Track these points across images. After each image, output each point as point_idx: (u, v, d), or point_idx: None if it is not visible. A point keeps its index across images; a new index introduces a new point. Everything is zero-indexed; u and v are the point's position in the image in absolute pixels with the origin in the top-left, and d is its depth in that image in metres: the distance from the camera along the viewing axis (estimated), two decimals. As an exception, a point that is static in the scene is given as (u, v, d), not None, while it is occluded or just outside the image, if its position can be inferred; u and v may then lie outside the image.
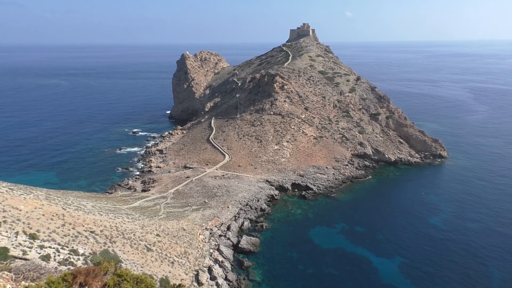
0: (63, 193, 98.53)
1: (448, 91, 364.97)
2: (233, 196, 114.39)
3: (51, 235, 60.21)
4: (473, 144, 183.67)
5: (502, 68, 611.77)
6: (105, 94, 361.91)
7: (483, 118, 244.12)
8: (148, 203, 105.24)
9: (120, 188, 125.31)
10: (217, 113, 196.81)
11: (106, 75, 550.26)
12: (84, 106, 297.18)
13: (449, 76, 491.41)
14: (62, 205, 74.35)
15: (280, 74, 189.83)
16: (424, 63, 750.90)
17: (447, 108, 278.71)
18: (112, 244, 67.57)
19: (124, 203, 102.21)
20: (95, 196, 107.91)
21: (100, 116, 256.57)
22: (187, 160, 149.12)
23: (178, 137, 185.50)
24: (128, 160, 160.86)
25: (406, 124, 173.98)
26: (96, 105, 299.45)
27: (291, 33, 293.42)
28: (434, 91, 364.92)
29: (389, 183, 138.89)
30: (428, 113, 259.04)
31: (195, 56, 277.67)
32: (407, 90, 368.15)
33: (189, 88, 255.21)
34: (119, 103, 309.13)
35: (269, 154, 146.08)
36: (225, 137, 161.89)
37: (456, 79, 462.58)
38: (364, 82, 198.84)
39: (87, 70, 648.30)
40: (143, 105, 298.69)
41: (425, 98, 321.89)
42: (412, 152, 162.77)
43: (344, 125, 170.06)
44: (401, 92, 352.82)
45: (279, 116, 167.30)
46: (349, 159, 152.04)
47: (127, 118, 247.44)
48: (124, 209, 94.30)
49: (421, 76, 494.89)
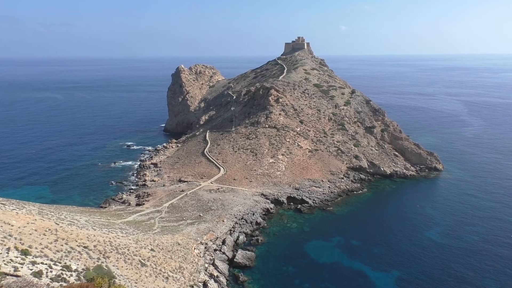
0: (56, 207, 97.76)
1: (442, 104, 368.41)
2: (228, 210, 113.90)
3: (44, 251, 59.59)
4: (468, 157, 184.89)
5: (495, 82, 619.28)
6: (99, 108, 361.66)
7: (477, 131, 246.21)
8: (142, 217, 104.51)
9: (114, 202, 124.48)
10: (212, 126, 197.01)
11: (101, 89, 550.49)
12: (78, 119, 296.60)
13: (443, 90, 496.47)
14: (55, 220, 73.72)
15: (275, 87, 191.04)
16: (419, 76, 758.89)
17: (442, 121, 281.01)
18: (106, 259, 66.93)
19: (118, 217, 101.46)
20: (88, 210, 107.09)
21: (94, 129, 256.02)
22: (181, 173, 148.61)
23: (173, 150, 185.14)
24: (122, 174, 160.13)
25: (401, 137, 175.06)
26: (90, 119, 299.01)
27: (286, 47, 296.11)
28: (428, 104, 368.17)
29: (385, 196, 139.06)
30: (423, 126, 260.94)
31: (190, 69, 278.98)
32: (402, 103, 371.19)
33: (184, 101, 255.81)
34: (113, 117, 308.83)
35: (264, 167, 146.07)
36: (220, 150, 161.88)
37: (450, 92, 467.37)
38: (359, 95, 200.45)
39: (82, 83, 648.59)
40: (137, 119, 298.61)
41: (420, 111, 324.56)
42: (408, 165, 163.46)
43: (339, 138, 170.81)
44: (396, 105, 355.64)
45: (274, 129, 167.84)
46: (344, 172, 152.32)
47: (121, 132, 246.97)
48: (118, 223, 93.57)
49: (415, 90, 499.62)
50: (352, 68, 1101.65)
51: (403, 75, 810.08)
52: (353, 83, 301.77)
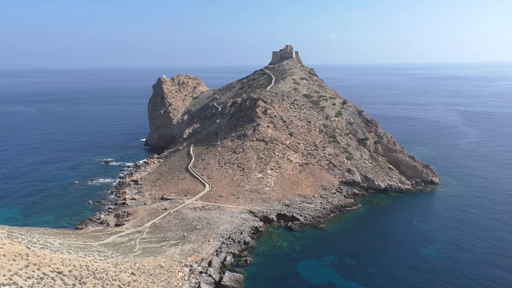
0: (28, 230, 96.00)
1: (437, 114, 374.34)
2: (214, 229, 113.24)
3: (13, 278, 58.23)
4: (465, 169, 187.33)
5: (491, 91, 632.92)
6: (75, 121, 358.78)
7: (474, 142, 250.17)
8: (122, 238, 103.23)
9: (91, 223, 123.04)
10: (196, 140, 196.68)
11: (78, 102, 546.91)
12: (51, 134, 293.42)
13: (438, 99, 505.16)
14: (26, 244, 72.24)
15: (263, 98, 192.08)
16: (412, 85, 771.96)
17: (437, 132, 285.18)
18: (82, 285, 65.64)
19: (96, 239, 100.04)
20: (63, 232, 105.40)
21: (70, 145, 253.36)
22: (164, 191, 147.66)
23: (155, 166, 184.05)
24: (100, 192, 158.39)
25: (396, 149, 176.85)
26: (65, 133, 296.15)
27: (274, 55, 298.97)
28: (423, 114, 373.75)
29: (380, 212, 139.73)
30: (418, 137, 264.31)
31: (172, 80, 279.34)
32: (396, 114, 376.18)
33: (166, 113, 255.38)
34: (90, 131, 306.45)
35: (252, 183, 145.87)
36: (205, 165, 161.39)
37: (445, 102, 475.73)
38: (351, 106, 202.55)
39: (58, 96, 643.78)
40: (116, 133, 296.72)
41: (414, 122, 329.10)
42: (403, 178, 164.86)
43: (331, 150, 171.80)
44: (389, 116, 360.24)
45: (263, 142, 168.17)
46: (337, 187, 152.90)
47: (99, 147, 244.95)
48: (96, 246, 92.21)
49: (409, 100, 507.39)
50: (343, 77, 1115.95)
51: (396, 84, 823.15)
52: (344, 93, 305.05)
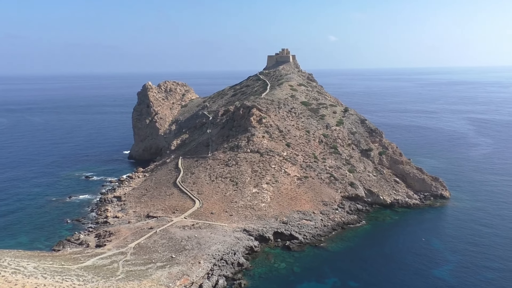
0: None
1: (447, 123, 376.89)
2: (205, 249, 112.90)
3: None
4: (477, 182, 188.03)
5: (505, 97, 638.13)
6: (53, 133, 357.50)
7: (487, 152, 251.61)
8: (103, 260, 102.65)
9: (70, 244, 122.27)
10: (185, 152, 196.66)
11: (56, 111, 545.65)
12: (26, 146, 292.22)
13: (447, 107, 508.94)
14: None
15: (258, 105, 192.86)
16: (419, 92, 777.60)
17: (447, 142, 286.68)
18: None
19: (74, 262, 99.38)
20: (38, 255, 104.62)
21: (47, 159, 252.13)
22: (150, 208, 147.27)
23: (140, 181, 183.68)
24: (80, 210, 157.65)
25: (402, 161, 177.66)
26: (42, 146, 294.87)
27: (269, 60, 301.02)
28: (431, 123, 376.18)
29: (386, 229, 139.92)
30: (426, 148, 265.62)
31: (158, 86, 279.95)
32: (402, 123, 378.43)
33: (152, 123, 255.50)
34: (69, 143, 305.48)
35: (247, 198, 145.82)
36: (195, 179, 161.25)
37: (455, 109, 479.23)
38: (353, 114, 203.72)
39: (34, 104, 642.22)
40: (97, 145, 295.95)
41: (422, 131, 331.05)
42: (410, 192, 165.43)
43: (332, 163, 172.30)
44: (395, 124, 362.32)
45: (257, 154, 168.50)
46: (339, 202, 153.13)
47: (78, 160, 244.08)
48: (74, 269, 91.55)
49: (416, 107, 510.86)
50: (344, 83, 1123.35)
51: (401, 90, 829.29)
52: (345, 100, 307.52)
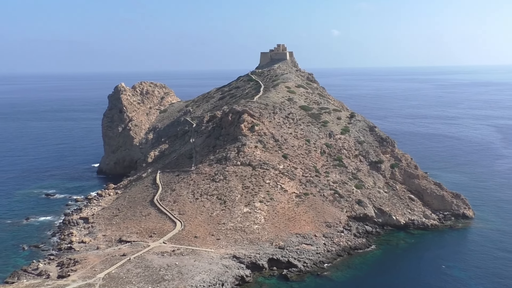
0: None
1: (469, 130, 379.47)
2: (187, 280, 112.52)
3: None
4: (505, 201, 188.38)
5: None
6: (10, 143, 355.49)
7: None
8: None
9: (26, 274, 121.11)
10: (165, 165, 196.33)
11: (12, 116, 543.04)
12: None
13: (470, 111, 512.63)
14: None
15: (249, 110, 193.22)
16: (437, 94, 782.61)
17: (470, 152, 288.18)
18: None
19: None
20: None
21: (1, 174, 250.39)
22: (123, 231, 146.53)
23: (111, 199, 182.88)
24: (39, 234, 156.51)
25: (418, 175, 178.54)
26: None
27: (262, 57, 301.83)
28: (451, 130, 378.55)
29: (399, 255, 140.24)
30: (446, 159, 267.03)
31: (133, 88, 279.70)
32: (417, 130, 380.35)
33: (125, 131, 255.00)
34: (28, 155, 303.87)
35: (237, 219, 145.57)
36: (176, 197, 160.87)
37: (479, 114, 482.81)
38: (360, 120, 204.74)
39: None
40: (61, 157, 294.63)
41: (440, 140, 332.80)
42: (427, 211, 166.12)
43: (336, 177, 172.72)
44: (409, 132, 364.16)
45: (249, 167, 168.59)
46: (344, 223, 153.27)
47: (38, 175, 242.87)
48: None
49: (434, 112, 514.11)
50: (350, 84, 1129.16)
51: (417, 92, 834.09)
52: (351, 104, 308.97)
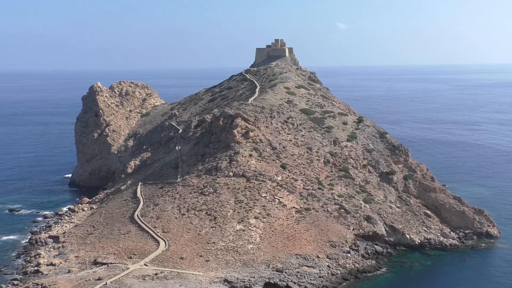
0: None
1: (494, 137, 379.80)
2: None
3: None
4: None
5: None
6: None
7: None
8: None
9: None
10: (147, 176, 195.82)
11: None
12: None
13: (494, 116, 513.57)
14: None
15: (243, 114, 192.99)
16: (456, 96, 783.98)
17: (494, 163, 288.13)
18: None
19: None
20: None
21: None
22: (98, 251, 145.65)
23: (85, 215, 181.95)
24: (1, 256, 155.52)
25: (435, 188, 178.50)
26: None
27: (258, 54, 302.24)
28: (473, 137, 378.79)
29: (414, 279, 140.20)
30: (466, 170, 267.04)
31: (111, 89, 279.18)
32: (434, 137, 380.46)
33: (102, 138, 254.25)
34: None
35: (228, 238, 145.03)
36: (159, 213, 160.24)
37: (505, 119, 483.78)
38: (369, 126, 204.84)
39: None
40: (28, 167, 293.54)
41: (460, 148, 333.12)
42: (446, 229, 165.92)
43: (341, 190, 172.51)
44: (424, 139, 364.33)
45: (243, 178, 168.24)
46: (351, 242, 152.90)
47: (1, 189, 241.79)
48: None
49: (453, 116, 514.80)
50: (358, 84, 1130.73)
51: (433, 94, 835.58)
52: (359, 107, 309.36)
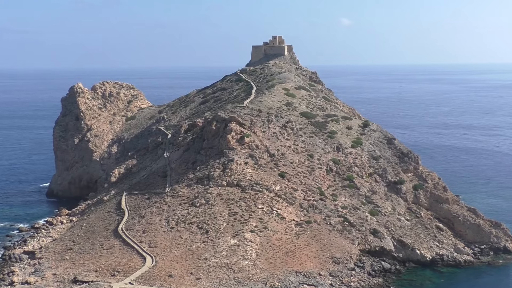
0: None
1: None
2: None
3: None
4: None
5: None
6: None
7: None
8: None
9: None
10: (132, 185, 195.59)
11: None
12: None
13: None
14: None
15: (238, 118, 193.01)
16: (471, 98, 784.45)
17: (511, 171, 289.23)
18: None
19: None
20: None
21: None
22: (78, 268, 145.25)
23: (64, 228, 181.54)
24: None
25: (447, 198, 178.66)
26: None
27: (254, 52, 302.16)
28: (490, 144, 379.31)
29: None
30: (482, 180, 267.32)
31: (93, 90, 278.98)
32: (446, 143, 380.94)
33: (83, 143, 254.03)
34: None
35: (222, 253, 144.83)
36: (146, 226, 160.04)
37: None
38: (376, 131, 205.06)
39: None
40: (1, 175, 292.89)
41: (475, 156, 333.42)
42: (460, 244, 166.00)
43: (345, 201, 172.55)
44: (436, 145, 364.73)
45: (238, 188, 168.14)
46: (356, 258, 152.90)
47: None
48: None
49: (467, 120, 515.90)
50: (363, 86, 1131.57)
51: (446, 96, 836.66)
52: (365, 110, 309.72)
